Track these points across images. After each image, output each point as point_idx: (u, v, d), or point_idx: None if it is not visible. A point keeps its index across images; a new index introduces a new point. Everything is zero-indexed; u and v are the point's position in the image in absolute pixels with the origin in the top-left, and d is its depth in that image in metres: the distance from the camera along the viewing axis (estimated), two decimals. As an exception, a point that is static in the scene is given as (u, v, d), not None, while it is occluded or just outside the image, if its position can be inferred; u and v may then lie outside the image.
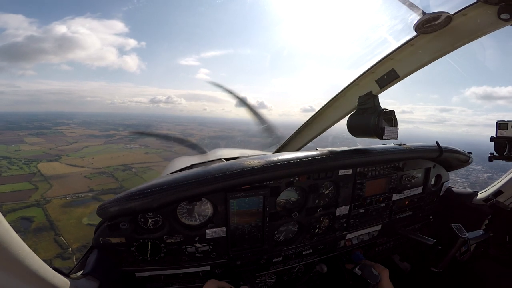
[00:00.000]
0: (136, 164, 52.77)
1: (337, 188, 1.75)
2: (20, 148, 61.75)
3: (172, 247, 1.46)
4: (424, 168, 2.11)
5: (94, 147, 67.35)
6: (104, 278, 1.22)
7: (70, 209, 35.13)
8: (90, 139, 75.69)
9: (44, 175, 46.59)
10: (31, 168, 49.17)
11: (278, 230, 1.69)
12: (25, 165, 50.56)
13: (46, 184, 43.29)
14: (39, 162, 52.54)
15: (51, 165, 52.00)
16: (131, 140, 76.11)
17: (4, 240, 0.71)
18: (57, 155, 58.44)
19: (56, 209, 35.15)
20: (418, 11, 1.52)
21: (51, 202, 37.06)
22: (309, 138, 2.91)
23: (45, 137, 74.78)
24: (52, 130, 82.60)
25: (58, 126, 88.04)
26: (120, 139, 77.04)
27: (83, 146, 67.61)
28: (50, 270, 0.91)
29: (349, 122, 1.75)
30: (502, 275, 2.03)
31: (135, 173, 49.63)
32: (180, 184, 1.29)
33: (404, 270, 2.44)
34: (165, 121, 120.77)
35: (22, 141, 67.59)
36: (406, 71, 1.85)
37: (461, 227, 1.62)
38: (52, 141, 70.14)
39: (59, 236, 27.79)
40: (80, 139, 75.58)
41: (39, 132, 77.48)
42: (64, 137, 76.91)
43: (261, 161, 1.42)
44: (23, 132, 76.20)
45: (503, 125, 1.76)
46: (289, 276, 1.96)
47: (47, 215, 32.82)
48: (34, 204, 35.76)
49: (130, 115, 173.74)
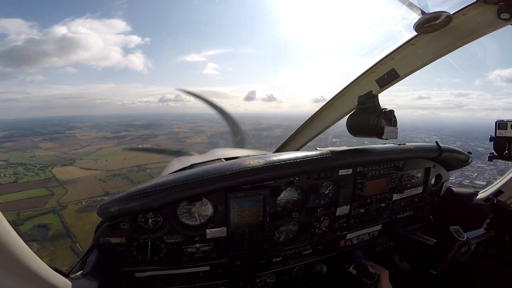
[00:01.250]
0: (150, 165, 51.41)
1: (337, 188, 1.75)
2: (35, 154, 61.44)
3: (172, 247, 1.45)
4: (424, 168, 2.11)
5: (107, 149, 67.15)
6: (104, 278, 1.22)
7: (86, 214, 34.28)
8: (103, 141, 75.47)
9: (59, 180, 46.11)
10: (47, 174, 48.75)
11: (278, 230, 1.69)
12: (41, 170, 50.04)
13: (62, 189, 42.81)
14: (54, 167, 52.16)
15: (66, 170, 51.69)
16: (143, 140, 75.41)
17: (4, 240, 0.71)
18: (71, 159, 58.29)
19: (72, 214, 34.55)
20: (418, 11, 1.52)
21: (67, 208, 36.55)
22: (309, 137, 2.91)
23: (59, 141, 74.75)
24: (66, 134, 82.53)
25: (71, 130, 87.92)
26: (132, 140, 76.67)
27: (96, 149, 67.35)
28: (50, 270, 0.91)
29: (349, 122, 1.75)
30: (502, 275, 2.03)
31: (149, 174, 48.68)
32: (180, 184, 1.29)
33: (404, 270, 2.44)
34: (176, 120, 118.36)
35: (37, 147, 67.47)
36: (406, 70, 1.85)
37: (459, 230, 1.62)
38: (65, 145, 70.19)
39: (75, 243, 27.05)
40: (93, 141, 75.38)
41: (53, 137, 77.59)
42: (77, 140, 76.91)
43: (261, 161, 1.42)
44: (37, 138, 76.09)
45: (502, 125, 1.76)
46: (289, 276, 1.96)
47: (64, 221, 32.40)
48: (51, 211, 35.37)
49: (141, 115, 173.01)
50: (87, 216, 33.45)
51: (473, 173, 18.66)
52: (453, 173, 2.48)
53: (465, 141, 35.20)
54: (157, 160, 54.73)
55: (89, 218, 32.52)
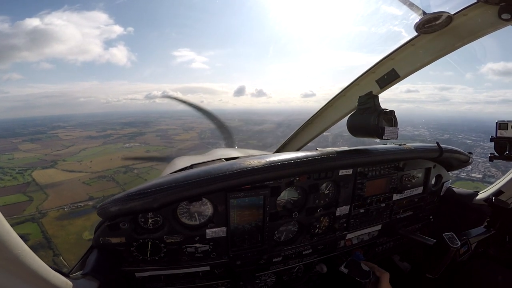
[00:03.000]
0: (137, 165, 48.11)
1: (338, 188, 1.75)
2: (14, 156, 57.23)
3: (172, 247, 1.45)
4: (425, 168, 2.11)
5: (91, 149, 63.25)
6: (104, 278, 1.22)
7: (68, 221, 31.01)
8: (87, 141, 71.56)
9: (40, 184, 42.11)
10: (26, 177, 44.67)
11: (278, 230, 1.69)
12: (19, 174, 45.79)
13: (42, 194, 38.85)
14: (34, 170, 48.03)
15: (47, 172, 47.61)
16: (130, 138, 72.34)
17: (4, 240, 0.71)
18: (53, 161, 54.06)
19: (53, 222, 30.94)
20: (419, 11, 1.52)
21: (47, 216, 32.72)
22: (309, 138, 2.91)
23: (40, 142, 70.21)
24: (48, 135, 77.61)
25: (54, 130, 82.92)
26: (118, 138, 73.08)
27: (80, 149, 63.34)
28: (50, 270, 0.91)
29: (349, 122, 1.75)
30: (502, 275, 2.03)
31: (137, 175, 45.31)
32: (181, 184, 1.29)
33: (404, 270, 2.44)
34: (163, 117, 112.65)
35: (17, 149, 63.17)
36: (406, 71, 1.85)
37: (453, 236, 1.62)
38: (48, 146, 65.90)
39: (58, 256, 24.22)
40: (76, 141, 71.53)
41: (34, 138, 72.87)
42: (60, 141, 72.44)
43: (261, 161, 1.42)
44: (17, 139, 71.47)
45: (503, 126, 1.76)
46: (289, 276, 1.96)
47: (44, 231, 29.08)
48: (29, 219, 31.75)
49: (127, 113, 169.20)
50: (70, 224, 30.34)
51: (467, 166, 18.81)
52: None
53: (452, 133, 34.65)
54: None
55: (72, 226, 29.69)
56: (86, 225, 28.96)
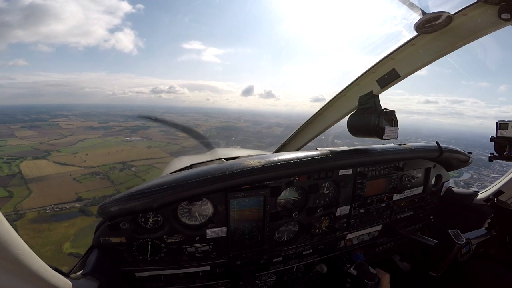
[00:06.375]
0: (136, 161, 43.58)
1: (338, 188, 1.75)
2: (7, 142, 51.14)
3: (172, 247, 1.46)
4: (424, 168, 2.11)
5: (89, 141, 58.00)
6: (104, 278, 1.22)
7: (48, 226, 24.89)
8: (87, 132, 66.76)
9: (25, 177, 36.55)
10: (12, 168, 38.60)
11: (279, 230, 1.69)
12: (6, 164, 39.37)
13: (25, 189, 32.99)
14: (24, 160, 42.18)
15: (37, 164, 41.64)
16: (132, 132, 68.31)
17: (4, 240, 0.71)
18: (46, 151, 48.46)
19: (29, 227, 24.62)
20: (418, 11, 1.52)
21: (24, 217, 26.46)
22: (309, 138, 2.91)
23: (39, 129, 65.07)
24: (49, 123, 72.85)
25: (56, 118, 78.24)
26: (119, 131, 69.14)
27: (77, 140, 57.91)
28: (50, 270, 0.91)
29: (350, 122, 1.75)
30: (502, 275, 2.03)
31: (135, 173, 40.47)
32: (181, 184, 1.29)
33: (404, 271, 2.44)
34: (168, 112, 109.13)
35: (13, 135, 57.59)
36: (406, 70, 1.85)
37: (458, 233, 1.61)
38: (45, 134, 60.56)
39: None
40: (76, 131, 66.79)
41: (34, 125, 67.97)
42: (59, 129, 67.27)
43: (261, 161, 1.42)
44: (16, 125, 66.26)
45: (503, 125, 1.76)
46: (289, 276, 1.96)
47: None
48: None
49: (132, 106, 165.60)
50: (50, 229, 24.00)
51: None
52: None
53: (465, 149, 34.46)
54: (145, 156, 48.39)
55: (53, 233, 23.52)
56: (69, 233, 23.60)
